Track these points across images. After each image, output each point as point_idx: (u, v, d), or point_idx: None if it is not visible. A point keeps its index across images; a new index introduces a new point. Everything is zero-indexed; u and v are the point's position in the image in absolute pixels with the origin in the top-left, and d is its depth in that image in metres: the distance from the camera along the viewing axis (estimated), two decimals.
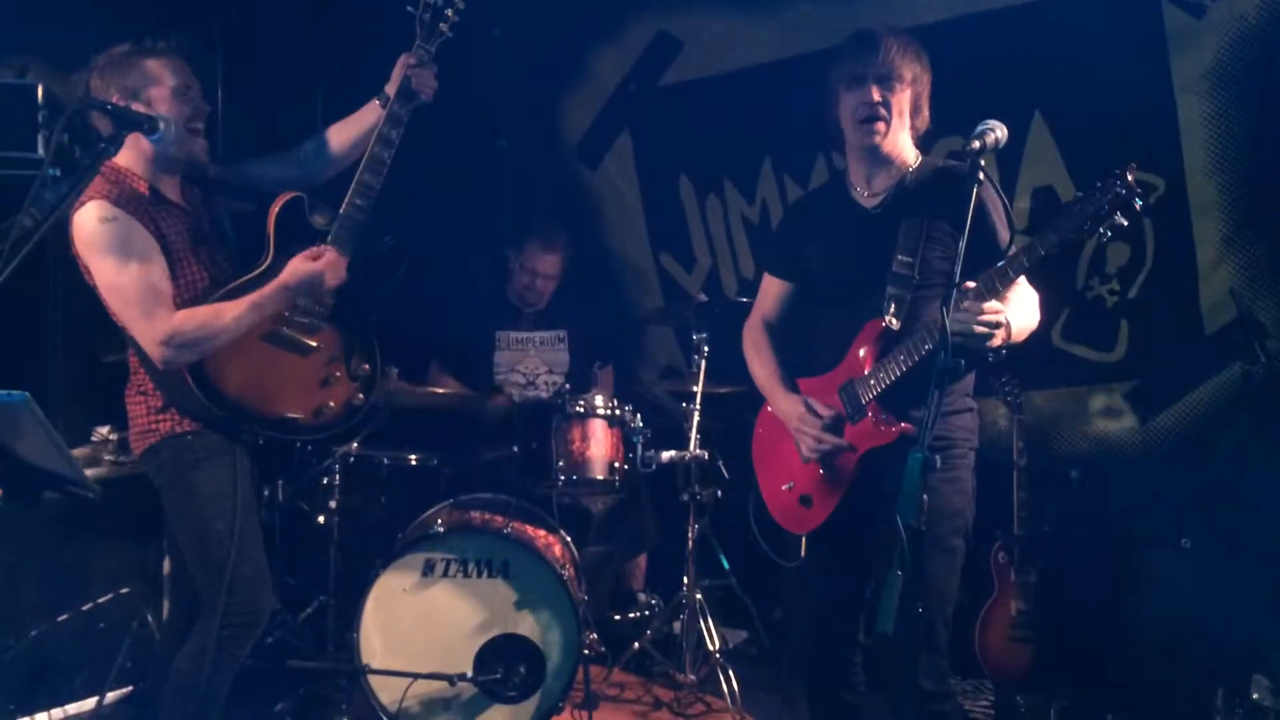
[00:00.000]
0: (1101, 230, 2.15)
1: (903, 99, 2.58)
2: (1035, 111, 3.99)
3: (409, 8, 2.99)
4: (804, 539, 2.70)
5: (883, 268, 2.55)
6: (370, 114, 3.01)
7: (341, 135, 3.06)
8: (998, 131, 2.14)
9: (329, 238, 2.80)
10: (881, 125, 2.56)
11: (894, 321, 2.52)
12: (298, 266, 2.69)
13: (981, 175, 2.07)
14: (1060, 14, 3.86)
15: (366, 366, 2.87)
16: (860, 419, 2.56)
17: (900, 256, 2.53)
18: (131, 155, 2.67)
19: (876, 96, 2.55)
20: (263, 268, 2.74)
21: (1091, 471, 4.07)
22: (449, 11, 3.00)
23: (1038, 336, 3.97)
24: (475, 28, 5.29)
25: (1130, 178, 2.14)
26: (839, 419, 2.60)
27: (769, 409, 2.86)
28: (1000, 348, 2.38)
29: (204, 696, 2.65)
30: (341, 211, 2.83)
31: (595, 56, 5.23)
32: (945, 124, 2.68)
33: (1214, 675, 3.47)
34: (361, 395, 2.86)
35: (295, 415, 2.73)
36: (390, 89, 2.97)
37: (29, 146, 3.45)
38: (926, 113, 2.66)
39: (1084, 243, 2.17)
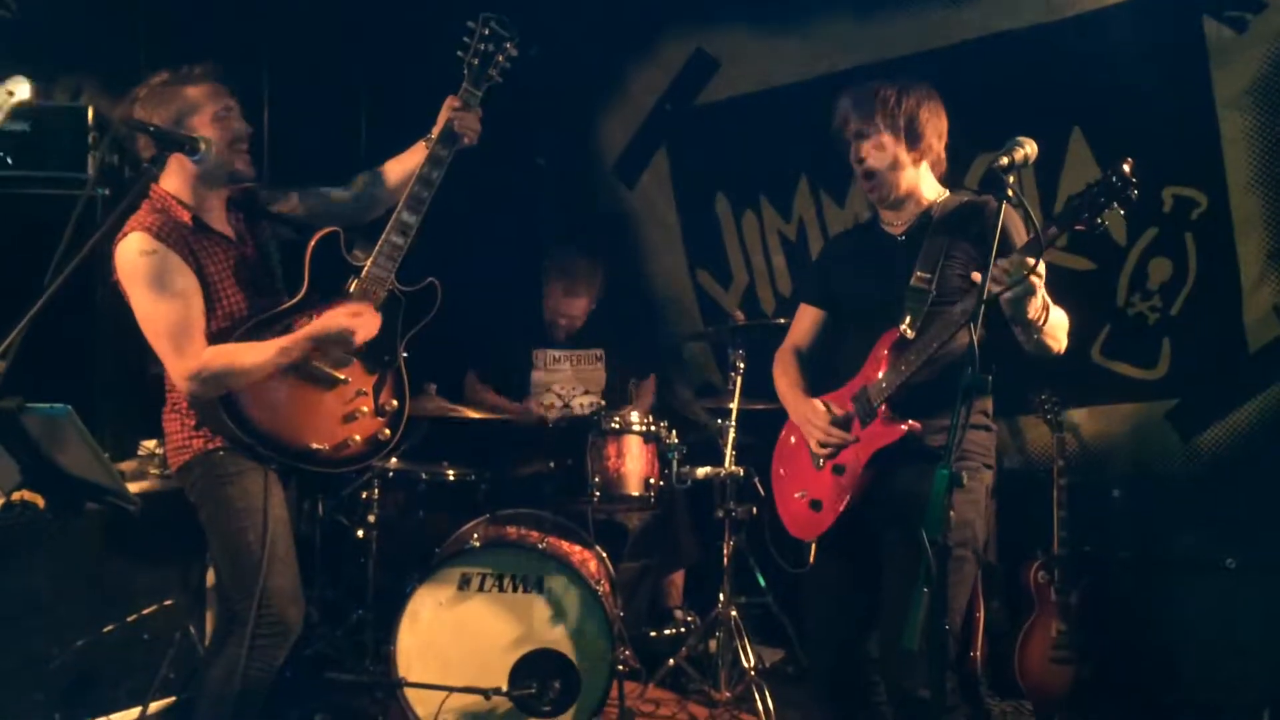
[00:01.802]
0: (1099, 219, 2.21)
1: (889, 145, 2.64)
2: (1074, 126, 3.96)
3: (459, 52, 3.02)
4: (813, 545, 2.74)
5: (903, 286, 2.61)
6: (417, 154, 3.03)
7: (394, 172, 3.08)
8: (1026, 148, 2.14)
9: (363, 273, 2.83)
10: (877, 179, 2.67)
11: (909, 331, 2.57)
12: (330, 321, 2.70)
13: (1011, 192, 2.06)
14: (1100, 29, 3.85)
15: (395, 403, 2.87)
16: (870, 421, 2.61)
17: (919, 273, 2.59)
18: (177, 180, 2.72)
19: (858, 155, 2.69)
20: (296, 300, 2.78)
21: (1133, 490, 4.02)
22: (500, 58, 3.04)
23: (1078, 353, 3.99)
24: (513, 48, 5.41)
25: (1127, 169, 2.18)
26: (849, 418, 2.66)
27: (788, 427, 2.92)
28: (1035, 325, 2.39)
29: (237, 707, 2.67)
30: (378, 248, 2.86)
31: (632, 76, 5.26)
32: (984, 140, 2.69)
33: (1260, 697, 3.41)
34: (388, 431, 2.86)
35: (318, 447, 2.74)
36: (435, 130, 3.00)
37: (79, 168, 3.55)
38: (936, 146, 2.70)
39: (1093, 225, 2.19)
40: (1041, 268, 2.30)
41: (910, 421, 2.54)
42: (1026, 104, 3.98)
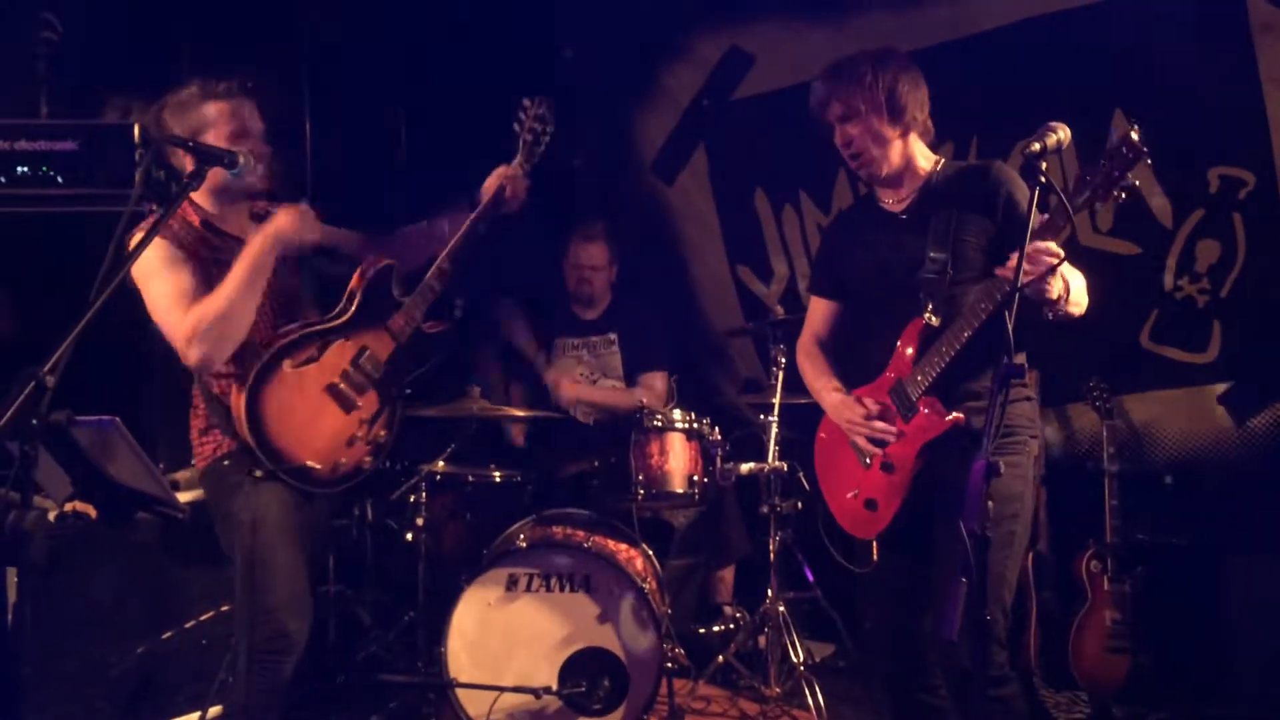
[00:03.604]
0: (1116, 192, 2.19)
1: (873, 124, 2.61)
2: (1115, 109, 3.91)
3: (515, 125, 3.12)
4: (874, 543, 2.72)
5: (916, 266, 2.59)
6: (461, 213, 3.07)
7: (437, 228, 3.12)
8: (1060, 133, 2.11)
9: (402, 308, 2.91)
10: (864, 158, 2.66)
11: (933, 319, 2.55)
12: (280, 224, 2.69)
13: (1043, 178, 2.04)
14: (1139, 8, 3.79)
15: (384, 434, 2.88)
16: (912, 415, 2.59)
17: (931, 254, 2.56)
18: (200, 193, 2.73)
19: (843, 138, 2.68)
20: (344, 320, 2.82)
21: (1186, 477, 3.96)
22: (546, 137, 3.15)
23: (1127, 339, 3.94)
24: (548, 50, 5.46)
25: (1135, 135, 2.16)
26: (888, 413, 2.65)
27: (826, 422, 2.90)
28: (1058, 305, 2.36)
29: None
30: (419, 290, 2.93)
31: (668, 74, 5.27)
32: (1025, 126, 2.62)
33: None
34: (370, 459, 2.86)
35: (315, 466, 2.72)
36: (484, 195, 3.05)
37: (128, 184, 3.62)
38: (920, 116, 2.66)
39: (1107, 196, 2.18)
40: (1058, 247, 2.28)
41: (955, 413, 2.52)
42: (1066, 87, 3.93)
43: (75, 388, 1.87)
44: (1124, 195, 2.20)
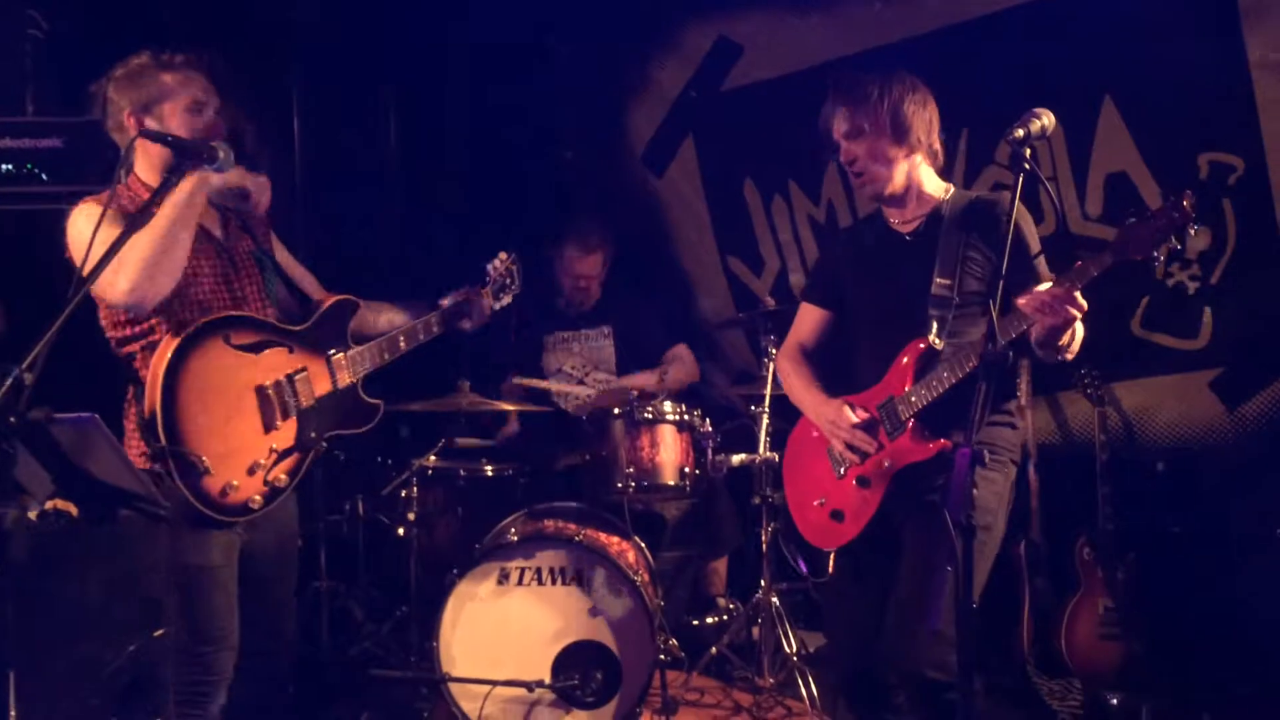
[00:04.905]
0: (1156, 254, 2.18)
1: (877, 143, 2.60)
2: (1105, 95, 3.89)
3: (488, 267, 3.17)
4: (831, 555, 2.71)
5: (919, 291, 2.58)
6: (428, 314, 2.98)
7: (404, 315, 3.00)
8: (1043, 119, 2.11)
9: (349, 350, 2.75)
10: (867, 176, 2.64)
11: (937, 341, 2.54)
12: (235, 176, 2.58)
13: (1027, 164, 2.03)
14: None
15: (284, 479, 2.60)
16: (899, 434, 2.57)
17: (939, 279, 2.55)
18: (150, 172, 2.60)
19: (847, 156, 2.66)
20: (297, 329, 2.67)
21: (1178, 463, 3.96)
22: (512, 287, 3.20)
23: (1118, 326, 3.94)
24: (537, 43, 5.44)
25: (1187, 204, 2.14)
26: (873, 424, 2.63)
27: (801, 426, 2.89)
28: (1063, 350, 2.39)
29: None
30: (373, 344, 2.79)
31: (657, 65, 5.25)
32: (1013, 115, 2.60)
33: None
34: (259, 500, 2.54)
35: (207, 463, 2.43)
36: (446, 301, 3.01)
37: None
38: (925, 138, 2.64)
39: (1150, 257, 2.17)
40: (1082, 301, 2.27)
41: (943, 440, 2.51)
42: (1055, 75, 3.91)
43: (54, 385, 1.86)
44: (1161, 259, 2.18)
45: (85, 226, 2.41)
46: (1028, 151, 2.05)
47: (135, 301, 2.39)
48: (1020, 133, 2.08)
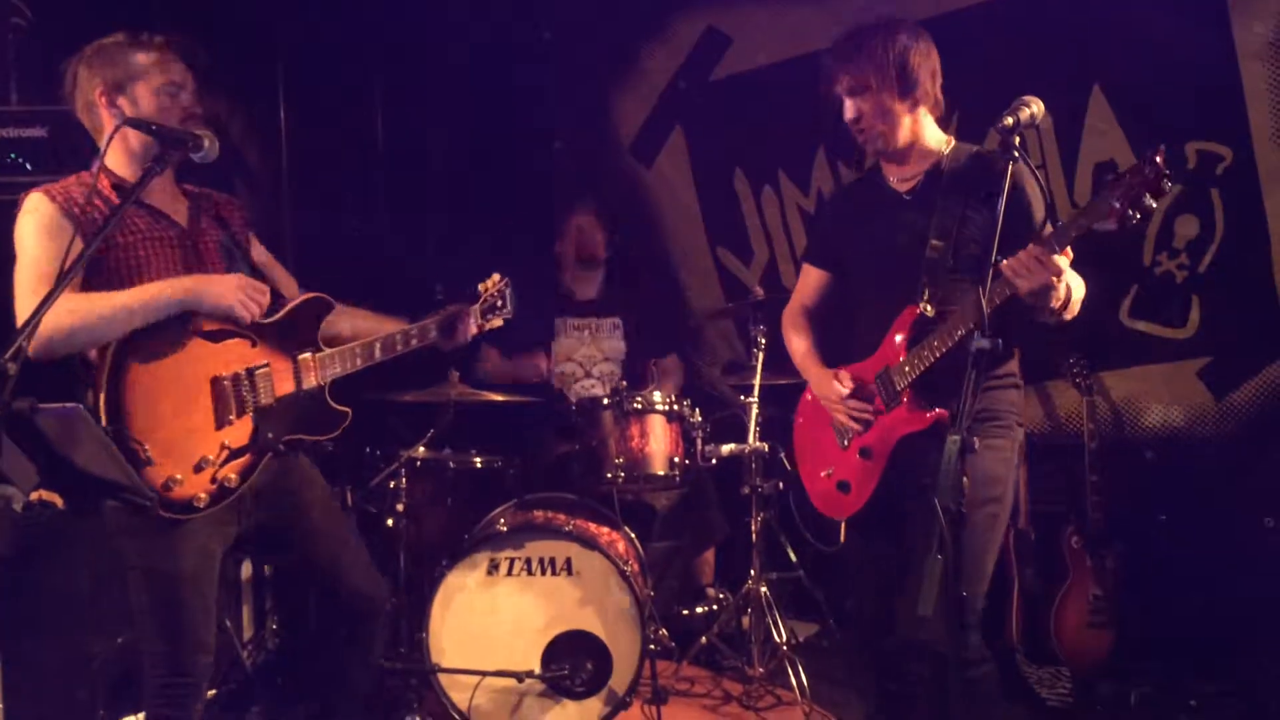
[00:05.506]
0: (1131, 212, 2.12)
1: (882, 99, 2.54)
2: (1094, 85, 3.90)
3: (480, 286, 3.10)
4: (842, 524, 2.72)
5: (917, 252, 2.53)
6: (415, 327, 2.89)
7: (389, 325, 2.88)
8: (1033, 107, 2.10)
9: (320, 350, 2.65)
10: (871, 132, 2.60)
11: (928, 308, 2.51)
12: (223, 284, 2.44)
13: (1016, 153, 2.03)
14: None
15: (234, 480, 2.45)
16: (895, 405, 2.57)
17: (933, 240, 2.51)
18: (118, 156, 2.50)
19: (851, 113, 2.61)
20: (264, 321, 2.54)
21: (1167, 452, 3.97)
22: (502, 309, 3.10)
23: (1106, 315, 3.94)
24: (526, 33, 5.43)
25: (1159, 159, 2.10)
26: (870, 394, 2.63)
27: (808, 396, 2.89)
28: (1058, 311, 2.35)
29: None
30: (346, 349, 2.68)
31: (645, 55, 5.24)
32: (1002, 103, 2.60)
33: None
34: (205, 497, 2.40)
35: (149, 450, 2.31)
36: (432, 319, 2.91)
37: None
38: (931, 88, 2.59)
39: (1126, 219, 2.13)
40: (1064, 260, 2.25)
41: (939, 410, 2.50)
42: (1044, 64, 3.92)
43: (37, 376, 1.85)
44: (1138, 217, 2.13)
45: (22, 219, 2.35)
46: (1017, 139, 2.04)
47: (41, 357, 2.21)
48: (1010, 120, 2.07)
